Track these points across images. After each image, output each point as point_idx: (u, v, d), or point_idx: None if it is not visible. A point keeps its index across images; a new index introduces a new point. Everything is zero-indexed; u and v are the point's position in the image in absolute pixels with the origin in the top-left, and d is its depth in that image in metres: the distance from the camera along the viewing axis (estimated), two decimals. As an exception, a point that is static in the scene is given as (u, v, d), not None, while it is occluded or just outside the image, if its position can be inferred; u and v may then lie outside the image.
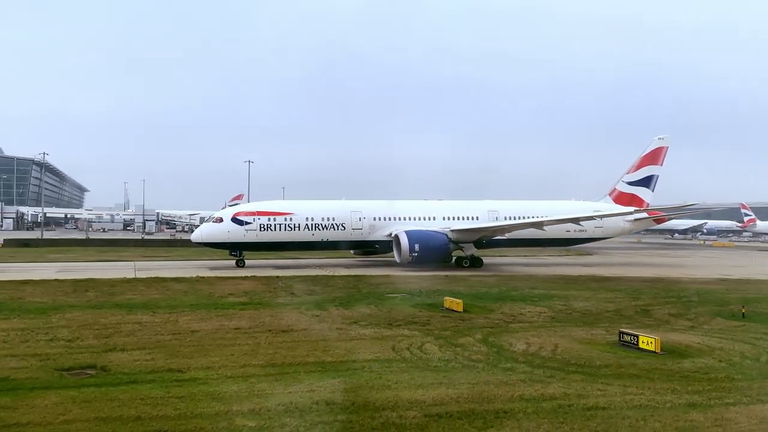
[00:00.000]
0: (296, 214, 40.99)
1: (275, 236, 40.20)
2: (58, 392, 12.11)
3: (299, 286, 30.36)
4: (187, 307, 23.01)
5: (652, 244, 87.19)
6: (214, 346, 16.51)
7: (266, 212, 40.59)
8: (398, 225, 42.37)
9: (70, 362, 14.55)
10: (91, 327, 19.03)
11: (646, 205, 51.08)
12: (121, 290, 27.97)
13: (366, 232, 42.53)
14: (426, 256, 39.54)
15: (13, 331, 18.32)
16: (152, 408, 11.15)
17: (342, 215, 42.23)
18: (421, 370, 14.09)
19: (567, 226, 45.29)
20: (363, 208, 43.31)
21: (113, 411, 11.00)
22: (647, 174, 51.71)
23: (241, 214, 40.05)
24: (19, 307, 22.84)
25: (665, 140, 52.30)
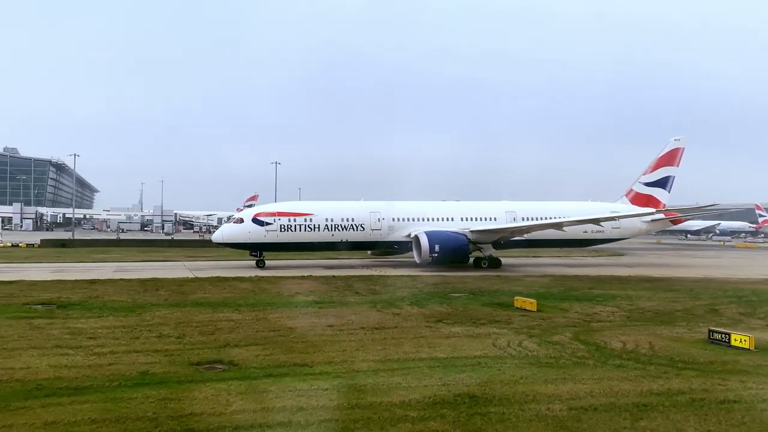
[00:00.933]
0: (316, 215, 41.55)
1: (295, 237, 40.74)
2: (207, 384, 12.70)
3: (359, 285, 30.94)
4: (266, 306, 23.62)
5: (675, 245, 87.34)
6: (321, 342, 17.08)
7: (286, 213, 41.18)
8: (417, 225, 42.88)
9: (195, 357, 15.16)
10: (188, 324, 19.66)
11: (663, 206, 51.49)
12: (190, 289, 28.66)
13: (385, 232, 43.05)
14: (445, 257, 40.03)
15: (116, 328, 18.98)
16: (308, 399, 11.73)
17: (361, 216, 42.76)
18: (536, 367, 14.61)
19: (584, 227, 45.73)
20: (382, 209, 43.81)
21: (272, 402, 11.58)
22: (664, 175, 52.09)
23: (262, 215, 40.60)
24: (103, 305, 23.52)
25: (681, 141, 52.55)
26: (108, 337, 17.65)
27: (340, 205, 44.52)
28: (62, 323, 19.66)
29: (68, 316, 21.10)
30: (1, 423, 10.28)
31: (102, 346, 16.41)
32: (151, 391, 12.24)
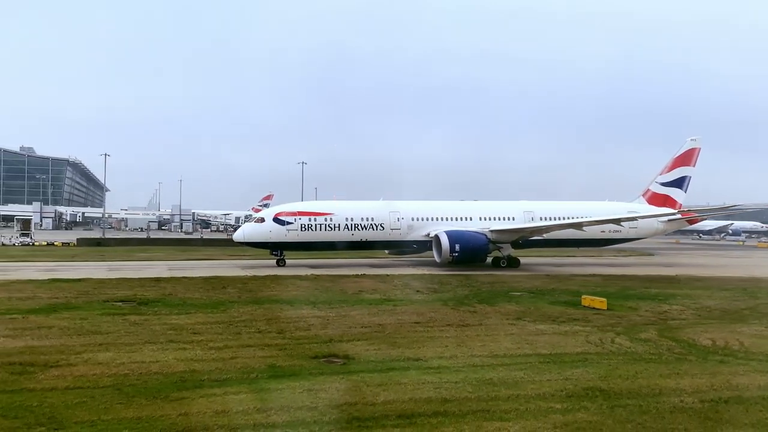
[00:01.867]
0: (336, 215, 41.98)
1: (316, 236, 41.15)
2: (342, 376, 13.27)
3: (416, 284, 31.47)
4: (341, 303, 24.21)
5: (696, 245, 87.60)
6: (419, 338, 17.62)
7: (307, 212, 41.60)
8: (435, 225, 43.28)
9: (309, 351, 15.73)
10: (278, 321, 20.26)
11: (679, 206, 51.86)
12: (256, 287, 29.28)
13: (404, 232, 43.45)
14: (466, 257, 40.40)
15: (212, 324, 19.59)
16: (449, 391, 12.28)
17: (381, 215, 43.17)
18: (644, 362, 15.10)
19: (602, 227, 46.09)
20: (401, 209, 44.28)
21: (418, 393, 12.12)
22: (680, 175, 52.46)
23: (283, 215, 40.99)
24: (182, 302, 24.15)
25: (697, 141, 52.88)
26: (211, 332, 18.26)
27: (360, 205, 45.06)
28: (157, 319, 20.29)
29: (156, 312, 21.73)
30: (175, 412, 10.88)
31: (212, 341, 17.01)
32: (293, 382, 12.83)
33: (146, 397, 11.72)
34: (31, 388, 12.24)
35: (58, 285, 28.69)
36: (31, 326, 18.82)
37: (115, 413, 10.79)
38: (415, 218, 43.84)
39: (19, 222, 76.44)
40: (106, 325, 19.23)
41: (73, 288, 27.79)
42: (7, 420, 10.37)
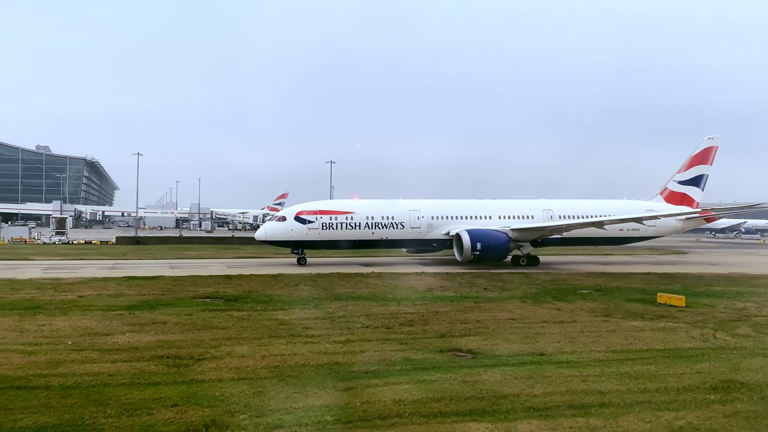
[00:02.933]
0: (357, 213, 42.43)
1: (337, 234, 41.57)
2: (486, 369, 13.81)
3: (480, 282, 31.97)
4: (421, 300, 24.77)
5: (719, 243, 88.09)
6: (526, 335, 18.11)
7: (328, 211, 42.00)
8: (455, 224, 43.66)
9: (431, 346, 16.33)
10: (377, 316, 20.81)
11: (697, 205, 52.31)
12: (327, 284, 29.92)
13: (424, 230, 43.84)
14: (487, 255, 40.75)
15: (315, 320, 20.21)
16: (602, 384, 12.85)
17: (401, 214, 43.57)
18: (761, 357, 15.64)
19: (620, 225, 46.50)
20: (421, 207, 44.72)
21: (568, 386, 12.70)
22: (697, 173, 52.87)
23: (304, 213, 41.36)
24: (270, 299, 24.78)
25: (715, 140, 53.20)
26: (321, 327, 18.86)
27: (380, 204, 45.50)
28: (259, 315, 20.93)
29: (252, 309, 22.33)
30: (357, 400, 11.49)
31: (330, 336, 17.59)
32: (442, 374, 13.41)
33: (317, 387, 12.33)
34: (200, 380, 12.87)
35: (137, 283, 29.37)
36: (143, 322, 19.48)
37: (302, 401, 11.40)
38: (435, 217, 44.24)
39: (54, 220, 77.40)
40: (216, 320, 19.88)
41: (153, 285, 28.46)
42: (208, 408, 10.99)
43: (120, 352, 15.28)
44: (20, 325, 18.64)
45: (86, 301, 23.67)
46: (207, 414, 10.67)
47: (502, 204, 50.75)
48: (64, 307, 21.93)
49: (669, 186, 53.37)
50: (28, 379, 12.75)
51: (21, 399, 11.39)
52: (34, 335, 17.19)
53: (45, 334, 17.31)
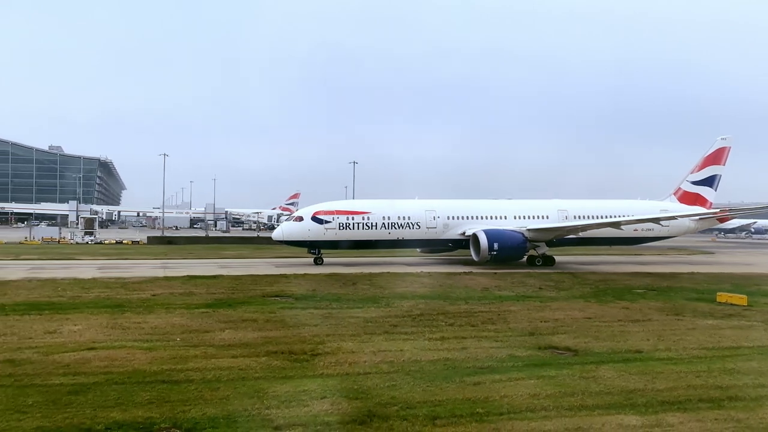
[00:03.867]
0: (373, 213, 42.71)
1: (353, 235, 41.88)
2: (601, 365, 14.33)
3: (531, 281, 32.37)
4: (484, 300, 25.19)
5: (737, 243, 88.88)
6: (611, 333, 18.49)
7: (345, 211, 42.31)
8: (471, 224, 43.95)
9: (527, 343, 16.83)
10: (452, 315, 21.28)
11: (710, 205, 52.68)
12: (383, 283, 30.42)
13: (440, 230, 44.14)
14: (504, 255, 41.00)
15: (396, 317, 20.69)
16: (715, 380, 13.33)
17: (417, 214, 43.90)
18: None
19: (635, 225, 46.84)
20: (437, 207, 45.04)
21: (686, 381, 13.17)
22: (710, 174, 53.23)
23: (321, 213, 41.65)
24: (338, 297, 25.28)
25: (728, 140, 53.57)
26: (408, 325, 19.36)
27: (397, 204, 45.92)
28: (340, 313, 21.47)
29: (329, 306, 22.87)
30: (495, 394, 12.00)
31: (421, 332, 18.15)
32: (557, 371, 13.89)
33: (446, 382, 12.85)
34: (330, 374, 13.40)
35: (201, 282, 29.94)
36: (233, 319, 20.02)
37: (442, 395, 11.92)
38: (451, 217, 44.53)
39: (83, 221, 78.20)
40: (302, 318, 20.41)
41: (218, 285, 29.03)
42: (358, 401, 11.49)
43: (234, 348, 15.83)
44: (116, 322, 19.21)
45: (163, 299, 24.24)
46: (361, 406, 11.18)
47: (517, 204, 51.32)
48: (146, 306, 22.50)
49: (682, 186, 53.78)
50: (166, 373, 13.29)
51: (174, 392, 11.93)
52: (137, 332, 17.75)
53: (147, 331, 17.87)
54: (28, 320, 19.42)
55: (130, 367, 13.73)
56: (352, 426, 10.21)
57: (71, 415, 10.49)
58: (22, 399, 11.32)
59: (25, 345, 15.85)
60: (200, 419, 10.44)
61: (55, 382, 12.52)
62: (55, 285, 27.98)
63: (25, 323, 18.86)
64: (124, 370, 13.47)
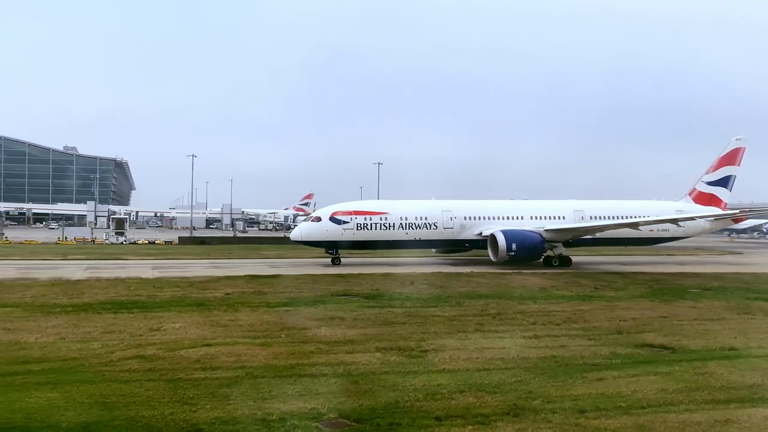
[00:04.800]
0: (391, 214, 43.02)
1: (371, 235, 42.16)
2: (703, 363, 14.84)
3: (585, 282, 32.73)
4: (548, 299, 25.78)
5: (758, 244, 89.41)
6: (696, 331, 18.82)
7: (362, 212, 42.59)
8: (487, 224, 44.19)
9: (622, 341, 17.29)
10: (532, 314, 21.75)
11: (725, 205, 52.97)
12: (441, 282, 31.04)
13: (457, 231, 44.39)
14: (522, 256, 41.14)
15: (475, 316, 21.18)
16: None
17: (434, 215, 44.17)
18: None
19: (650, 226, 47.11)
20: (453, 208, 45.37)
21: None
22: (725, 174, 53.42)
23: (339, 214, 41.96)
24: (407, 297, 25.74)
25: (742, 141, 53.84)
26: (493, 324, 19.88)
27: (414, 204, 46.38)
28: (419, 311, 21.98)
29: (403, 305, 23.37)
30: (628, 389, 12.50)
31: (511, 331, 18.67)
32: (668, 367, 14.34)
33: (567, 377, 13.35)
34: (451, 369, 13.91)
35: (264, 281, 30.55)
36: (320, 317, 20.56)
37: (573, 389, 12.42)
38: (468, 217, 44.83)
39: (114, 221, 79.12)
40: (386, 316, 20.98)
41: (282, 284, 29.70)
42: (497, 395, 12.03)
43: (342, 345, 16.37)
44: (211, 320, 19.82)
45: (239, 298, 24.83)
46: (503, 400, 11.69)
47: (533, 204, 51.54)
48: (228, 304, 23.09)
49: (697, 187, 54.00)
50: (298, 368, 13.84)
51: (319, 385, 12.49)
52: (238, 330, 18.34)
53: (248, 329, 18.45)
54: (124, 318, 20.04)
55: (259, 362, 14.32)
56: (509, 418, 10.72)
57: (238, 407, 11.07)
58: (180, 392, 11.90)
59: (142, 342, 16.46)
60: (363, 410, 10.97)
61: (198, 376, 13.10)
62: (125, 284, 28.66)
63: (125, 321, 19.49)
64: (255, 365, 14.06)
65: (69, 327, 18.33)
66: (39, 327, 18.23)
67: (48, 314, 20.51)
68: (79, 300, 23.76)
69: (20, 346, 15.78)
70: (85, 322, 19.29)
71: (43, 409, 10.80)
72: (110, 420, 10.36)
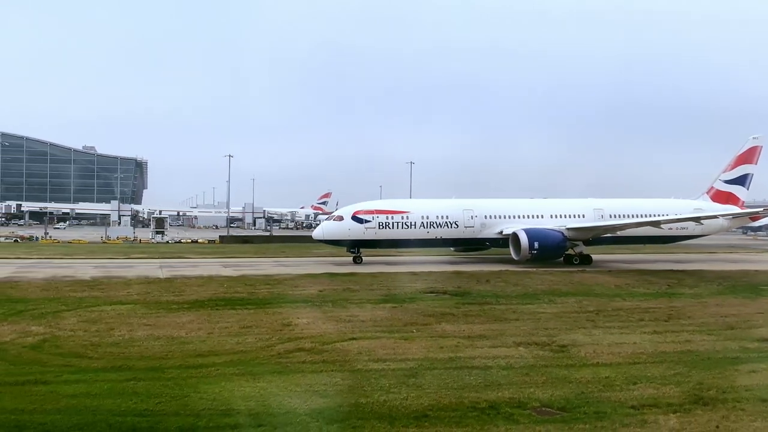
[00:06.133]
0: (412, 213, 43.50)
1: (393, 234, 42.60)
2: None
3: (655, 280, 33.05)
4: (637, 296, 26.22)
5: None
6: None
7: (384, 210, 43.03)
8: (508, 223, 44.51)
9: (737, 336, 17.90)
10: (630, 310, 22.30)
11: (742, 204, 53.39)
12: (516, 280, 31.49)
13: (477, 229, 44.78)
14: (544, 254, 41.40)
15: (576, 313, 21.86)
16: None
17: (455, 213, 44.55)
18: None
19: (669, 224, 47.38)
20: (474, 207, 45.75)
21: None
22: (742, 173, 53.67)
23: (361, 213, 42.40)
24: (495, 294, 26.35)
25: (760, 140, 54.08)
26: (602, 319, 20.52)
27: (435, 203, 46.96)
28: (519, 308, 22.63)
29: (498, 303, 23.95)
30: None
31: (626, 327, 19.25)
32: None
33: (719, 370, 13.95)
34: (605, 363, 14.55)
35: (346, 278, 31.41)
36: (429, 313, 21.25)
37: (737, 381, 13.07)
38: (488, 216, 45.16)
39: (154, 221, 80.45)
40: (494, 313, 21.67)
41: (362, 281, 30.40)
42: (670, 386, 12.71)
43: (478, 339, 17.06)
44: (331, 316, 20.62)
45: (335, 295, 25.59)
46: (682, 390, 12.25)
47: (553, 203, 52.06)
48: (331, 301, 23.90)
49: (715, 185, 54.30)
50: (459, 360, 14.58)
51: (492, 376, 13.22)
52: (364, 324, 19.07)
53: (373, 324, 19.21)
54: (246, 314, 20.77)
55: (417, 355, 15.08)
56: (700, 407, 11.38)
57: (441, 395, 11.82)
58: (374, 381, 12.67)
59: (290, 336, 17.26)
60: (557, 399, 11.68)
61: (375, 367, 13.87)
62: (216, 282, 29.57)
63: (250, 317, 20.24)
64: (417, 358, 14.82)
65: (203, 323, 19.15)
66: (176, 323, 19.07)
67: (170, 311, 21.40)
68: (186, 297, 24.61)
69: (180, 341, 16.61)
70: (213, 318, 20.10)
71: (271, 396, 11.60)
72: (355, 405, 11.23)
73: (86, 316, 20.15)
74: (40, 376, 12.95)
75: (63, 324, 18.71)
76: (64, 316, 20.11)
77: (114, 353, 15.14)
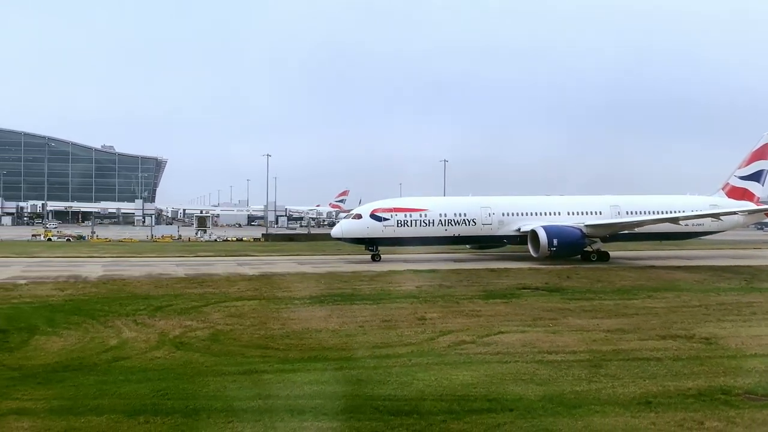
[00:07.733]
0: (430, 211, 43.92)
1: (411, 232, 42.97)
2: None
3: (725, 274, 33.72)
4: (710, 292, 26.54)
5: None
6: None
7: (402, 209, 43.50)
8: (525, 220, 44.90)
9: None
10: (711, 307, 22.71)
11: (757, 200, 53.46)
12: (595, 276, 32.10)
13: (495, 227, 45.09)
14: (563, 251, 41.67)
15: (679, 308, 22.41)
16: None
17: (473, 211, 44.93)
18: None
19: (685, 221, 47.34)
20: (492, 204, 46.14)
21: None
22: (757, 169, 53.69)
23: (379, 211, 42.80)
24: (587, 290, 27.10)
25: None
26: (722, 313, 21.28)
27: (452, 201, 47.46)
28: (635, 303, 23.43)
29: (598, 297, 24.89)
30: None
31: (749, 321, 20.03)
32: None
33: None
34: (757, 354, 15.32)
35: (429, 275, 32.46)
36: (545, 309, 21.99)
37: None
38: (506, 213, 45.56)
39: (196, 219, 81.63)
40: (606, 308, 22.36)
41: (449, 278, 31.24)
42: None
43: (617, 333, 17.77)
44: (454, 311, 21.46)
45: (434, 291, 26.53)
46: None
47: (570, 200, 51.76)
48: (440, 296, 24.86)
49: (730, 181, 54.35)
50: (621, 353, 15.36)
51: (657, 368, 13.93)
52: (496, 320, 19.82)
53: (503, 319, 20.01)
54: (373, 309, 21.70)
55: (581, 348, 15.93)
56: None
57: (662, 384, 12.60)
58: (566, 370, 13.51)
59: (441, 330, 18.07)
60: (751, 387, 12.46)
61: (551, 359, 14.66)
62: (313, 279, 30.78)
63: (377, 311, 21.20)
64: (581, 350, 15.67)
65: (342, 317, 20.00)
66: (317, 317, 19.97)
67: (300, 306, 22.37)
68: (298, 293, 25.51)
69: (342, 333, 17.49)
70: (345, 312, 20.97)
71: (491, 384, 12.47)
72: (580, 392, 12.08)
73: (225, 311, 21.04)
74: (251, 366, 13.81)
75: (213, 319, 19.62)
76: (205, 311, 21.02)
77: (294, 345, 16.02)
